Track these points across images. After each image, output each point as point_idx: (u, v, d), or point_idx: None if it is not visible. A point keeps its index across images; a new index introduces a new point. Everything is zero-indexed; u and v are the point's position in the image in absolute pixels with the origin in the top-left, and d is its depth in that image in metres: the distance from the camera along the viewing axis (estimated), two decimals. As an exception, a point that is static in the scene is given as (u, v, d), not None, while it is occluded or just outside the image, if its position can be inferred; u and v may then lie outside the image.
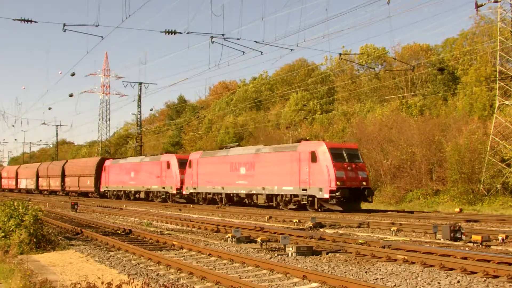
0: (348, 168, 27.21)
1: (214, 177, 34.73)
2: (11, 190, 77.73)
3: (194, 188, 36.48)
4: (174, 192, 38.39)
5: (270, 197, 30.68)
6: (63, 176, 60.13)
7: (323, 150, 27.55)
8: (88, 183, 53.40)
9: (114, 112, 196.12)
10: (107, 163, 49.92)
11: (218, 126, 68.04)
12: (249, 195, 32.12)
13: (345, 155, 27.76)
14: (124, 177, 45.95)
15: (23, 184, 73.29)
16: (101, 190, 50.18)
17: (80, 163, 58.64)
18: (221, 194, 34.54)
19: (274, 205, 30.30)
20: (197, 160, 36.54)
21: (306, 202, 28.01)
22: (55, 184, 62.19)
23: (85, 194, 55.40)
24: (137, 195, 44.60)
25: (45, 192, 65.67)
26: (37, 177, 67.79)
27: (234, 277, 9.67)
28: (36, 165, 72.86)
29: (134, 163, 45.64)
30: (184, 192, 37.55)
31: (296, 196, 28.70)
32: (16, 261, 11.99)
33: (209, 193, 35.54)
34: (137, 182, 44.02)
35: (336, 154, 27.50)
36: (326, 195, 26.61)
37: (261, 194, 30.98)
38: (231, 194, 33.66)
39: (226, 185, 33.79)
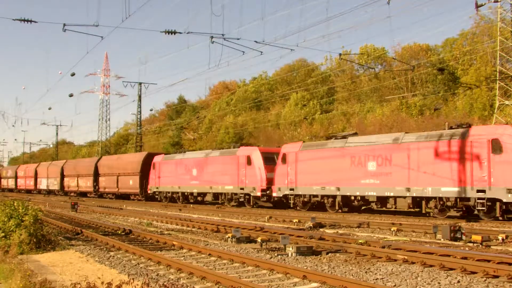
0: None
1: (324, 175, 27.19)
2: (28, 191, 71.24)
3: (291, 189, 28.97)
4: (258, 194, 31.02)
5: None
6: (96, 175, 52.12)
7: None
8: (130, 184, 45.20)
9: (114, 112, 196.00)
10: (157, 159, 41.90)
11: (218, 126, 68.07)
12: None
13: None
14: (183, 176, 38.07)
15: (44, 184, 65.56)
16: (149, 191, 42.32)
17: (119, 160, 49.73)
18: (334, 196, 26.95)
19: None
20: (295, 154, 29.10)
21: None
22: (85, 184, 54.12)
23: (125, 197, 47.29)
24: (199, 198, 36.97)
25: (72, 194, 57.53)
26: (62, 176, 59.79)
27: (234, 277, 9.67)
28: (60, 163, 64.48)
29: (197, 159, 37.47)
30: (275, 194, 30.10)
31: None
32: (16, 261, 11.99)
33: (315, 195, 27.89)
34: (201, 182, 36.14)
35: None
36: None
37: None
38: (355, 197, 25.94)
39: (343, 184, 26.31)
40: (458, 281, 9.37)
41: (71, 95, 55.68)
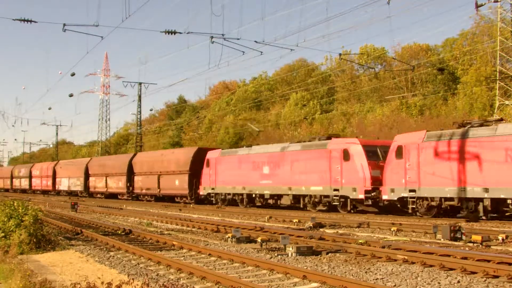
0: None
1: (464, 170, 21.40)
2: (45, 192, 65.47)
3: (412, 191, 23.05)
4: (361, 196, 24.98)
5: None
6: (130, 174, 45.51)
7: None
8: (176, 184, 38.85)
9: (114, 112, 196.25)
10: (212, 155, 35.80)
11: (218, 126, 68.08)
12: None
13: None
14: (249, 175, 31.92)
15: (64, 185, 59.42)
16: (201, 192, 36.22)
17: (162, 156, 42.80)
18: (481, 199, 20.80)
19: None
20: (417, 146, 23.08)
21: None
22: (116, 184, 47.64)
23: (169, 198, 41.16)
24: (271, 200, 31.04)
25: (98, 195, 52.17)
26: (87, 176, 53.95)
27: (234, 277, 9.66)
28: (84, 160, 58.99)
29: (270, 154, 30.99)
30: (385, 197, 24.25)
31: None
32: (16, 261, 11.99)
33: (451, 198, 21.77)
34: (276, 181, 29.99)
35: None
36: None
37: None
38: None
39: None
40: (458, 281, 9.37)
41: (71, 95, 55.72)
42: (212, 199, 35.23)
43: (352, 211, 25.89)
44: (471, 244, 14.02)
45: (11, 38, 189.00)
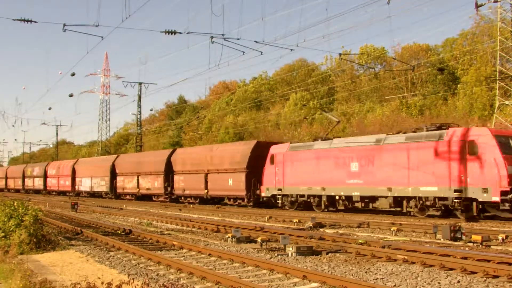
0: None
1: None
2: (62, 193, 60.21)
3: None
4: (495, 199, 20.37)
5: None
6: (168, 173, 39.97)
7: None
8: (229, 184, 33.36)
9: (114, 112, 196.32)
10: (278, 149, 30.14)
11: (218, 126, 68.10)
12: None
13: None
14: (331, 173, 26.58)
15: (86, 185, 53.79)
16: (263, 194, 30.72)
17: (210, 152, 36.54)
18: None
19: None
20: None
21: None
22: (151, 185, 41.95)
23: (219, 200, 35.99)
24: (360, 204, 25.52)
25: (128, 197, 46.10)
26: (113, 175, 48.08)
27: (234, 277, 9.67)
28: (110, 158, 52.71)
29: (359, 147, 25.72)
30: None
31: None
32: (16, 261, 11.99)
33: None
34: (368, 181, 24.90)
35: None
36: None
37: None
38: None
39: None
40: (458, 281, 9.37)
41: (71, 95, 55.66)
42: (278, 201, 29.67)
43: (478, 216, 21.29)
44: (471, 244, 14.02)
45: (11, 38, 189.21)
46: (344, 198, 26.18)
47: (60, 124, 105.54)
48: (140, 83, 61.38)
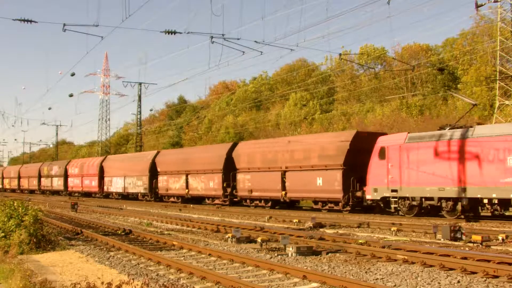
0: None
1: None
2: (87, 195, 53.68)
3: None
4: None
5: None
6: (228, 171, 33.38)
7: None
8: (318, 184, 27.35)
9: (114, 112, 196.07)
10: (391, 141, 24.14)
11: (218, 126, 68.10)
12: None
13: None
14: (474, 168, 20.57)
15: (117, 185, 46.71)
16: (369, 196, 24.55)
17: (288, 145, 30.09)
18: None
19: None
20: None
21: None
22: (206, 185, 35.09)
23: (294, 204, 31.22)
24: None
25: (172, 199, 39.48)
26: (153, 174, 41.33)
27: (234, 277, 9.67)
28: (149, 154, 44.65)
29: None
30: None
31: None
32: (16, 261, 11.99)
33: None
34: None
35: None
36: None
37: None
38: None
39: None
40: (458, 281, 9.37)
41: (71, 95, 55.90)
42: (392, 206, 23.45)
43: None
44: (471, 244, 14.02)
45: (11, 38, 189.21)
46: (496, 201, 20.35)
47: (60, 124, 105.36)
48: (140, 83, 61.39)
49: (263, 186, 30.90)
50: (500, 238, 14.50)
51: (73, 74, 36.08)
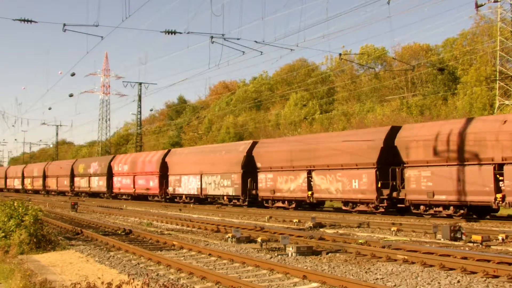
0: None
1: None
2: (140, 197, 44.20)
3: None
4: None
5: None
6: (385, 164, 24.39)
7: None
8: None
9: (114, 112, 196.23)
10: None
11: (218, 126, 68.09)
12: None
13: None
14: None
15: (190, 186, 37.07)
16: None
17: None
18: None
19: None
20: None
21: None
22: (344, 186, 25.90)
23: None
24: None
25: (280, 204, 29.90)
26: (249, 171, 31.90)
27: (234, 277, 9.67)
28: (241, 145, 34.44)
29: None
30: None
31: None
32: (16, 261, 11.99)
33: None
34: None
35: None
36: None
37: None
38: None
39: None
40: (458, 281, 9.37)
41: (71, 95, 55.77)
42: None
43: None
44: (471, 244, 14.02)
45: (11, 38, 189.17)
46: None
47: (60, 124, 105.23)
48: (140, 83, 61.37)
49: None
50: (500, 238, 14.50)
51: (73, 74, 36.13)
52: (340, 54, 28.28)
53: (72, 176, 56.57)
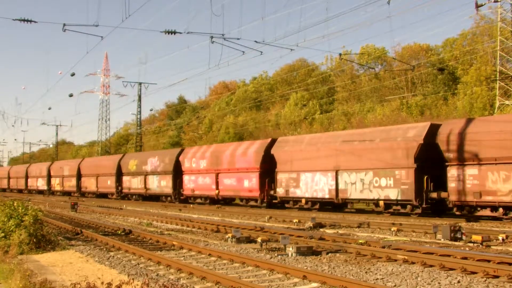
0: None
1: None
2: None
3: None
4: None
5: None
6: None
7: None
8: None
9: (114, 112, 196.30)
10: None
11: (218, 126, 68.08)
12: None
13: None
14: None
15: (317, 185, 27.41)
16: None
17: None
18: None
19: None
20: None
21: None
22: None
23: None
24: None
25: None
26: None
27: (234, 277, 9.66)
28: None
29: None
30: None
31: None
32: (16, 261, 11.98)
33: None
34: None
35: None
36: None
37: None
38: None
39: None
40: (458, 281, 9.37)
41: (71, 95, 55.75)
42: None
43: None
44: (471, 244, 14.01)
45: (11, 38, 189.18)
46: None
47: (60, 124, 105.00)
48: (140, 83, 61.37)
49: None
50: (500, 238, 14.49)
51: (73, 74, 36.12)
52: (340, 54, 28.28)
53: (119, 174, 46.20)
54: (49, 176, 61.88)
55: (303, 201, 28.22)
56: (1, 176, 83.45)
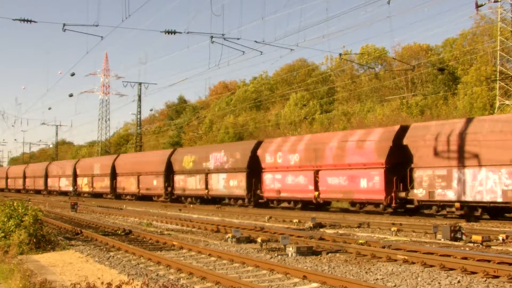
0: None
1: None
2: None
3: None
4: None
5: None
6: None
7: None
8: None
9: (114, 112, 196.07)
10: None
11: (218, 126, 68.06)
12: None
13: None
14: None
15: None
16: None
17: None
18: None
19: None
20: None
21: None
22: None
23: None
24: None
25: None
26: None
27: (234, 277, 9.65)
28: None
29: None
30: None
31: None
32: (15, 261, 11.98)
33: None
34: None
35: None
36: None
37: None
38: None
39: None
40: (459, 281, 9.36)
41: (71, 95, 55.61)
42: None
43: None
44: (471, 244, 14.01)
45: (11, 38, 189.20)
46: None
47: (60, 124, 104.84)
48: (140, 83, 61.32)
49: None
50: (500, 238, 14.49)
51: (73, 74, 36.05)
52: (340, 54, 28.28)
53: (169, 173, 39.26)
54: (75, 175, 55.11)
55: (457, 205, 20.91)
56: (15, 176, 73.12)
